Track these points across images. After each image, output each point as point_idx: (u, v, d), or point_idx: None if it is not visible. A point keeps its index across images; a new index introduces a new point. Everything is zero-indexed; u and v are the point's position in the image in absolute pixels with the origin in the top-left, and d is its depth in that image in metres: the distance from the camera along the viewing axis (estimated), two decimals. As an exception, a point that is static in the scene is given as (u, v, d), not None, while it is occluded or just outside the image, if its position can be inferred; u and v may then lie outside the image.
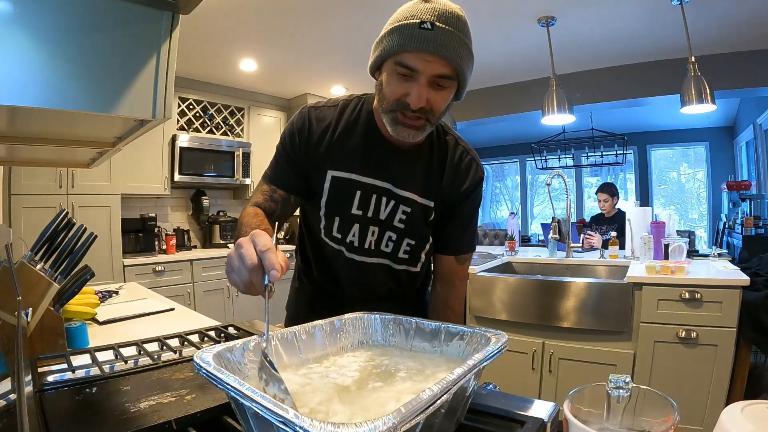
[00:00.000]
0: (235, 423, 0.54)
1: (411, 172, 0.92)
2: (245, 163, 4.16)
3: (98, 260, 3.03)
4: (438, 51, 0.73)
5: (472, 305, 2.50)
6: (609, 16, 2.79)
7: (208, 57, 3.40)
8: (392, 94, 0.78)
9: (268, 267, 0.54)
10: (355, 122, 0.91)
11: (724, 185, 4.46)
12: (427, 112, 0.79)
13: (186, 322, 1.32)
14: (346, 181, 0.90)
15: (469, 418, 0.54)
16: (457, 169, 0.94)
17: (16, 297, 0.65)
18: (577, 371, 2.17)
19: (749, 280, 1.89)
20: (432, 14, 0.73)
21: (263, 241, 0.56)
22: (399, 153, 0.90)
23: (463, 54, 0.75)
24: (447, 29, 0.73)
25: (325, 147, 0.90)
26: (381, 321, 0.69)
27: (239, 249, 0.56)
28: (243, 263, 0.55)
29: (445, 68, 0.75)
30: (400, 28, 0.75)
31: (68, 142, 1.05)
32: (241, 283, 0.56)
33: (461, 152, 0.95)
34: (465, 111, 4.40)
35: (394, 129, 0.81)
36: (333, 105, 0.94)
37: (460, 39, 0.75)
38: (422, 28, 0.72)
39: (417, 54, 0.74)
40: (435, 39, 0.72)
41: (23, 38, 0.60)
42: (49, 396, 0.62)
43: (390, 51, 0.76)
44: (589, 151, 5.17)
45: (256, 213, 0.86)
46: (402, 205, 0.92)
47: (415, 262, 1.00)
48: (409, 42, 0.73)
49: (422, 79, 0.76)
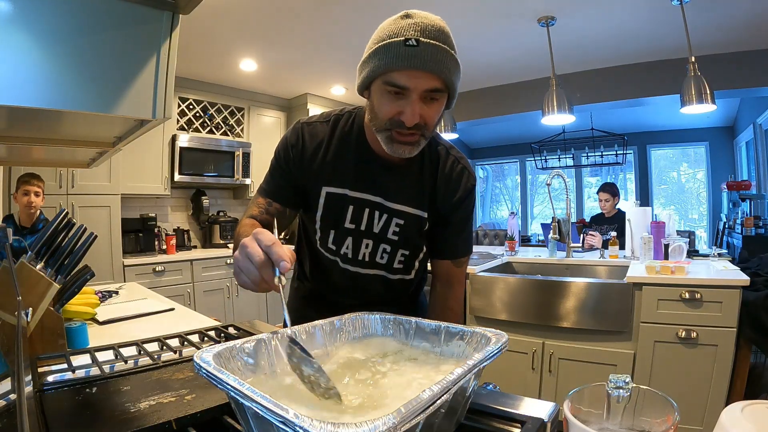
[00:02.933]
0: (235, 423, 0.54)
1: (402, 186, 0.92)
2: (245, 163, 4.16)
3: (98, 260, 3.03)
4: (426, 66, 0.73)
5: (472, 305, 2.50)
6: (609, 16, 2.79)
7: (208, 57, 3.40)
8: (385, 113, 0.79)
9: (277, 259, 0.55)
10: (347, 138, 0.93)
11: (724, 185, 4.46)
12: (421, 127, 0.79)
13: (186, 322, 1.32)
14: (340, 197, 0.92)
15: (469, 418, 0.54)
16: (449, 179, 0.95)
17: (16, 297, 0.65)
18: (577, 371, 2.17)
19: (749, 280, 1.89)
20: (415, 30, 0.73)
21: (267, 237, 0.57)
22: (390, 167, 0.91)
23: (450, 65, 0.76)
24: (432, 43, 0.73)
25: (318, 164, 0.92)
26: (381, 321, 0.69)
27: (244, 249, 0.57)
28: (251, 261, 0.55)
29: (434, 82, 0.75)
30: (385, 47, 0.74)
31: (68, 142, 1.05)
32: (252, 281, 0.56)
33: (452, 162, 0.96)
34: (465, 111, 4.40)
35: (390, 147, 0.82)
36: (325, 120, 0.95)
37: (446, 51, 0.74)
38: (408, 45, 0.72)
39: (405, 72, 0.74)
40: (421, 55, 0.72)
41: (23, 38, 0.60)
42: (49, 396, 0.62)
43: (377, 71, 0.76)
44: (589, 151, 5.17)
45: (253, 224, 0.87)
46: (395, 218, 0.93)
47: (410, 270, 1.02)
48: (396, 61, 0.73)
49: (413, 96, 0.75)
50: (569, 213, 2.78)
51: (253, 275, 0.56)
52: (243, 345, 0.53)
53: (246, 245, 0.57)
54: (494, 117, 4.37)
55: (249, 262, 0.56)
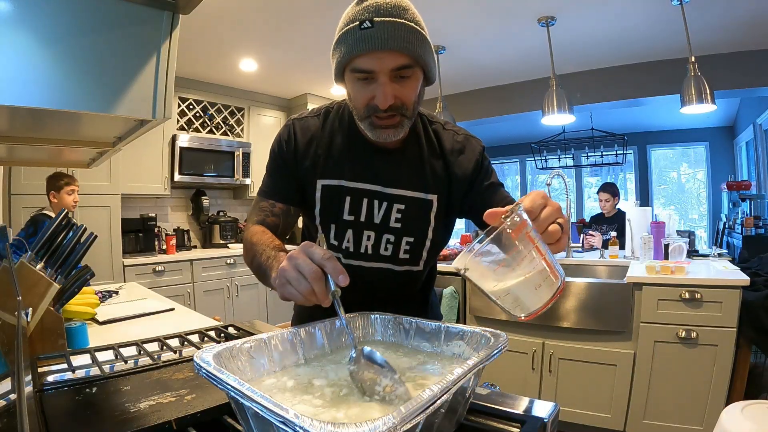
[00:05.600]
0: (235, 423, 0.54)
1: (400, 170, 0.91)
2: (245, 163, 4.16)
3: (98, 260, 3.03)
4: (386, 45, 0.72)
5: (472, 305, 2.50)
6: (609, 16, 2.79)
7: (208, 57, 3.40)
8: (360, 101, 0.79)
9: (335, 273, 0.56)
10: (338, 129, 0.92)
11: (724, 185, 4.46)
12: (398, 108, 0.79)
13: (186, 322, 1.33)
14: (336, 188, 0.91)
15: (469, 418, 0.54)
16: (458, 152, 0.94)
17: (16, 297, 0.65)
18: (577, 371, 2.17)
19: (749, 280, 1.89)
20: (369, 12, 0.72)
21: (320, 251, 0.57)
22: (384, 153, 0.91)
23: (412, 39, 0.74)
24: (388, 21, 0.72)
25: (311, 158, 0.91)
26: (381, 320, 0.69)
27: (294, 261, 0.57)
28: (302, 274, 0.56)
29: (400, 59, 0.74)
30: (344, 35, 0.75)
31: (68, 142, 1.05)
32: (301, 293, 0.57)
33: (452, 135, 0.95)
34: (465, 111, 4.40)
35: (374, 133, 0.82)
36: (316, 114, 0.95)
37: (405, 25, 0.73)
38: (363, 29, 0.72)
39: (366, 55, 0.73)
40: (378, 35, 0.72)
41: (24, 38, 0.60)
42: (49, 396, 0.62)
43: (343, 61, 0.76)
44: (589, 151, 5.17)
45: (263, 230, 0.86)
46: (396, 204, 0.92)
47: (417, 261, 0.99)
48: (355, 46, 0.73)
49: (381, 77, 0.75)
50: (569, 213, 2.78)
51: (304, 287, 0.56)
52: (243, 345, 0.53)
53: (296, 257, 0.57)
54: (494, 117, 4.37)
55: (299, 275, 0.56)
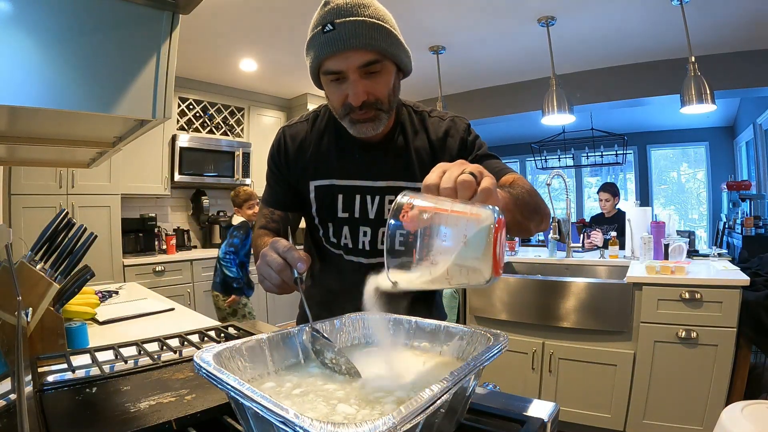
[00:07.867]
0: (235, 423, 0.54)
1: (386, 162, 0.92)
2: (245, 163, 4.16)
3: (98, 260, 3.03)
4: (348, 45, 0.75)
5: (472, 305, 2.50)
6: (609, 16, 2.79)
7: (208, 57, 3.40)
8: (336, 101, 0.83)
9: (294, 261, 0.61)
10: (325, 130, 0.95)
11: (724, 185, 4.46)
12: (373, 103, 0.81)
13: (186, 322, 1.32)
14: (328, 188, 0.94)
15: (469, 418, 0.54)
16: (445, 138, 0.94)
17: (16, 297, 0.65)
18: (577, 371, 2.17)
19: (749, 280, 1.89)
20: (330, 15, 0.75)
21: (282, 244, 0.64)
22: (370, 148, 0.92)
23: (375, 35, 0.76)
24: (348, 21, 0.74)
25: (303, 162, 0.95)
26: (381, 320, 0.69)
27: (264, 258, 0.64)
28: (270, 267, 0.62)
29: (365, 56, 0.77)
30: (310, 41, 0.79)
31: (68, 142, 1.05)
32: (274, 285, 0.64)
33: (437, 121, 0.95)
34: (465, 111, 4.40)
35: (354, 129, 0.85)
36: (305, 119, 0.98)
37: (365, 23, 0.75)
38: (326, 32, 0.75)
39: (333, 57, 0.77)
40: (340, 36, 0.74)
41: (23, 38, 0.60)
42: (49, 396, 0.62)
43: (314, 65, 0.81)
44: (589, 151, 5.17)
45: (265, 233, 0.94)
46: (387, 196, 0.93)
47: None
48: (321, 50, 0.77)
49: (351, 76, 0.78)
50: (569, 213, 2.78)
51: (275, 279, 0.63)
52: (243, 345, 0.53)
53: (265, 254, 0.63)
54: (494, 117, 4.37)
55: (269, 269, 0.62)
